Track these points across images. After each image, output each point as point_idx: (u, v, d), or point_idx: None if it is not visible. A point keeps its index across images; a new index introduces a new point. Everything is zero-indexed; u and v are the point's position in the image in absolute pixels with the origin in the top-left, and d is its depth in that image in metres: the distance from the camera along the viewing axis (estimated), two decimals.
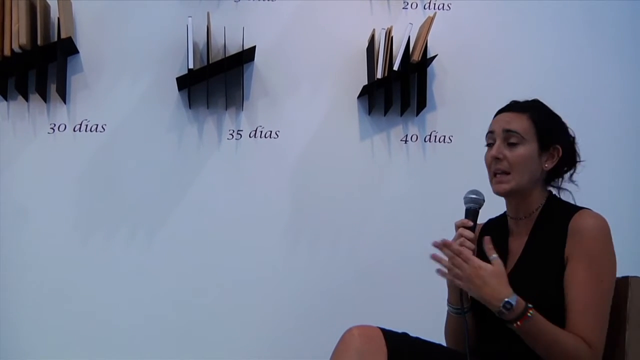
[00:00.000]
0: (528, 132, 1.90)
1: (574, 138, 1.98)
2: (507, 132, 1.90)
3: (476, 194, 1.89)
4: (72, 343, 2.99)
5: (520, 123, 1.91)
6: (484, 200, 1.89)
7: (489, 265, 1.76)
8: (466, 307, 1.89)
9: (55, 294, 3.00)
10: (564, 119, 1.99)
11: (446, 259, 1.80)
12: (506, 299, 1.71)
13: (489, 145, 1.95)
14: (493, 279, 1.74)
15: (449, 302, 1.95)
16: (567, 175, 1.99)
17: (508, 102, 2.00)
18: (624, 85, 3.34)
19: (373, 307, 3.03)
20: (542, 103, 1.98)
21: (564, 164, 1.95)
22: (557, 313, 1.77)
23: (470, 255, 1.77)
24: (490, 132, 1.95)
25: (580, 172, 2.00)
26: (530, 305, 1.72)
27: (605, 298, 1.78)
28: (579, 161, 1.98)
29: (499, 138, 1.92)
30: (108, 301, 3.02)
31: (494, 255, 1.79)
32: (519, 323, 1.72)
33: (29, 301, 2.98)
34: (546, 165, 1.91)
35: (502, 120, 1.94)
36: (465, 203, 1.90)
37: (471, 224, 1.86)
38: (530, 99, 1.99)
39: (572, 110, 2.03)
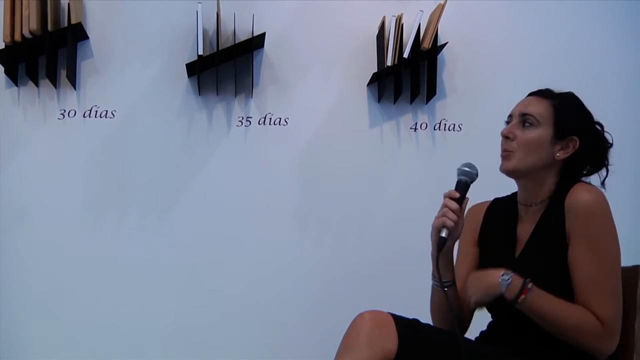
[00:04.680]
0: (545, 116, 1.89)
1: (610, 144, 1.96)
2: (523, 115, 1.91)
3: (470, 167, 1.89)
4: (77, 332, 3.02)
5: (538, 107, 1.91)
6: (477, 175, 1.89)
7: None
8: (447, 281, 1.92)
9: (63, 280, 3.01)
10: None
11: None
12: (501, 275, 1.76)
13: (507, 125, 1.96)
14: (478, 277, 1.83)
15: (433, 276, 1.94)
16: (597, 179, 1.96)
17: (532, 90, 1.99)
18: (633, 75, 3.34)
19: (381, 295, 3.01)
20: (574, 96, 1.96)
21: (582, 158, 1.92)
22: (565, 298, 1.77)
23: None
24: (510, 115, 1.95)
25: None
26: (528, 280, 1.75)
27: (610, 272, 1.76)
28: (607, 165, 1.95)
29: (515, 119, 1.92)
30: (117, 288, 3.04)
31: None
32: (522, 297, 1.74)
33: (35, 288, 3.00)
34: (558, 154, 1.89)
35: (523, 103, 1.95)
36: (458, 175, 1.90)
37: (457, 195, 1.87)
38: (565, 91, 1.97)
39: (581, 99, 2.00)
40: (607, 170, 1.95)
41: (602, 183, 1.95)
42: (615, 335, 1.74)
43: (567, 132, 1.89)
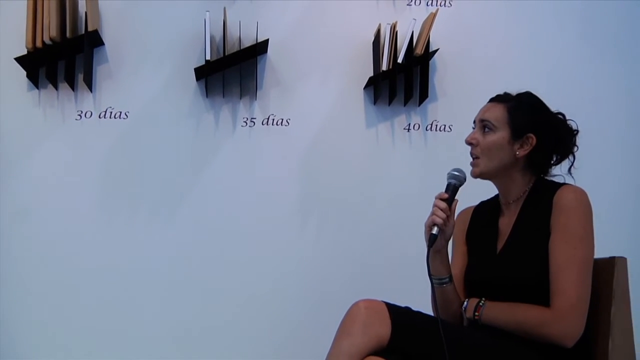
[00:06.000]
0: (500, 120, 1.98)
1: (575, 132, 2.03)
2: (482, 121, 2.02)
3: (458, 172, 1.99)
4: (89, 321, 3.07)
5: (494, 112, 2.00)
6: (465, 179, 1.99)
7: None
8: (444, 277, 2.01)
9: (78, 273, 3.07)
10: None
11: None
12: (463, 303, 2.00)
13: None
14: None
15: (428, 272, 1.98)
16: (565, 168, 2.05)
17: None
18: (623, 82, 3.39)
19: (379, 291, 2.95)
20: (530, 94, 2.04)
21: (543, 151, 1.99)
22: (546, 288, 1.86)
23: None
24: (474, 121, 2.07)
25: (580, 164, 2.06)
26: (482, 299, 1.94)
27: (579, 264, 1.82)
28: (572, 153, 2.02)
29: (477, 126, 2.04)
30: (129, 279, 3.09)
31: None
32: (477, 314, 1.92)
33: (44, 288, 3.05)
34: (518, 152, 1.97)
35: (482, 110, 2.05)
36: (447, 178, 2.00)
37: (446, 196, 1.97)
38: (523, 91, 2.06)
39: (570, 105, 2.08)
40: (574, 157, 2.03)
41: (569, 170, 2.04)
42: (565, 321, 1.79)
43: (523, 131, 1.98)
